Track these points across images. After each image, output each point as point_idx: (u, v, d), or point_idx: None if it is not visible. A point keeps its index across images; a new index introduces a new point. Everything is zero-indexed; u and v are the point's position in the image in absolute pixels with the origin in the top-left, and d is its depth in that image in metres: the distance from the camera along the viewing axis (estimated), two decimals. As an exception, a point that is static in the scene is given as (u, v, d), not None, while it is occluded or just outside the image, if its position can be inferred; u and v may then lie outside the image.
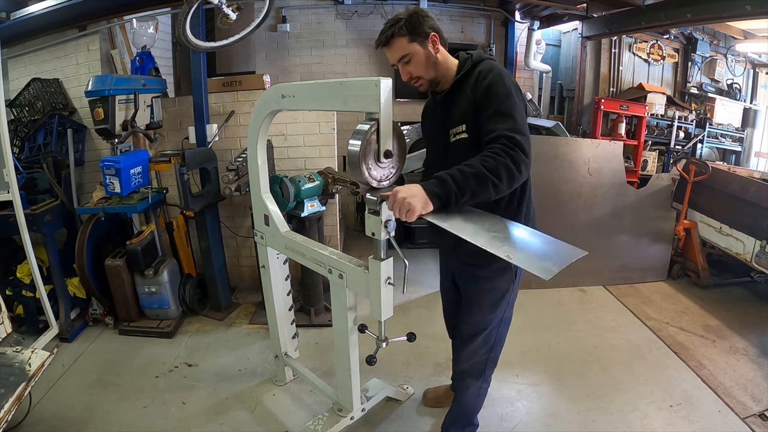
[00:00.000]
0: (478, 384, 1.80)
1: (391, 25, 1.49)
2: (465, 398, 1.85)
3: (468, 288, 1.69)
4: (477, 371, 1.77)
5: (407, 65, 1.52)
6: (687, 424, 2.12)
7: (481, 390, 1.83)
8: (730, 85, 5.27)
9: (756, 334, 2.86)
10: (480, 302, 1.65)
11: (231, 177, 2.75)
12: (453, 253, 1.65)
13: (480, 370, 1.76)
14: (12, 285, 2.80)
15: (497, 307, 1.64)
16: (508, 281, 1.61)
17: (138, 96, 2.76)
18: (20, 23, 3.15)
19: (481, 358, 1.73)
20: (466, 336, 1.71)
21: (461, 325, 1.73)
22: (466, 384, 1.81)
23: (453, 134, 1.51)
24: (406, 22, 1.47)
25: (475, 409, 1.91)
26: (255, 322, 3.02)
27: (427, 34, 1.49)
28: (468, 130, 1.46)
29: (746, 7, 2.89)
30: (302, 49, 4.53)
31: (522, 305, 2.36)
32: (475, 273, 1.62)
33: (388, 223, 1.46)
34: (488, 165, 1.25)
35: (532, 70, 4.89)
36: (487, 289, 1.62)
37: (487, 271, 1.59)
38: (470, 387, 1.80)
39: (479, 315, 1.66)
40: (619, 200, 3.53)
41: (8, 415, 1.55)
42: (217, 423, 2.15)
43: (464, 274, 1.70)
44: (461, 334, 1.74)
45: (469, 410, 1.90)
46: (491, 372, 1.82)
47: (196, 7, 2.31)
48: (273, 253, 2.11)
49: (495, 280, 1.60)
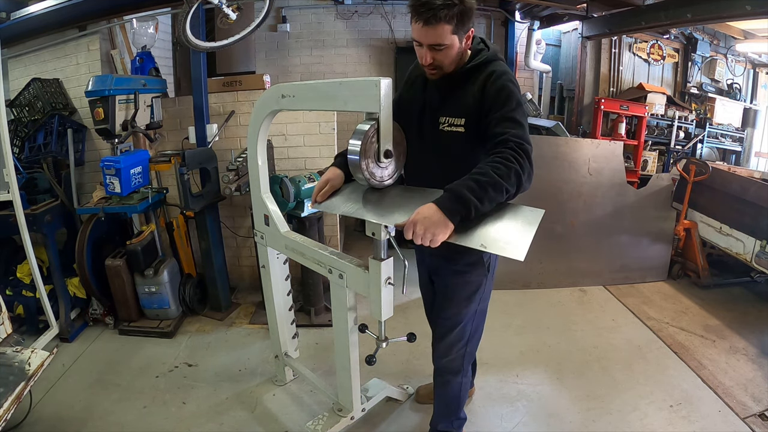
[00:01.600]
0: (458, 379, 1.79)
1: (443, 5, 1.28)
2: (448, 394, 1.83)
3: (443, 283, 1.68)
4: (455, 366, 1.76)
5: (437, 52, 1.37)
6: (687, 424, 2.12)
7: (462, 384, 1.81)
8: (730, 85, 5.27)
9: (756, 334, 2.86)
10: (454, 296, 1.64)
11: (231, 177, 2.75)
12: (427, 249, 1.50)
13: (458, 365, 1.75)
14: (12, 285, 2.81)
15: (471, 301, 1.64)
16: (480, 275, 1.61)
17: (138, 96, 2.76)
18: (20, 23, 3.15)
19: (458, 353, 1.73)
20: (443, 331, 1.71)
21: (437, 321, 1.74)
22: (447, 380, 1.79)
23: (445, 122, 1.46)
24: (458, 11, 1.30)
25: (460, 403, 1.88)
26: (255, 322, 3.02)
27: (468, 29, 1.38)
28: (466, 126, 1.42)
29: (746, 7, 2.89)
30: (302, 49, 4.53)
31: (522, 305, 2.37)
32: (450, 267, 1.62)
33: (388, 223, 1.45)
34: (501, 173, 1.22)
35: (532, 70, 4.89)
36: (460, 283, 1.62)
37: (460, 265, 1.59)
38: (451, 383, 1.79)
39: (454, 309, 1.66)
40: (619, 200, 3.54)
41: (7, 414, 1.55)
42: (217, 423, 2.15)
43: (439, 270, 1.69)
44: (438, 329, 1.74)
45: (454, 405, 1.88)
46: (469, 365, 1.82)
47: (196, 7, 2.31)
48: (273, 253, 2.11)
49: (468, 275, 1.60)
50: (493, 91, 1.37)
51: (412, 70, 1.65)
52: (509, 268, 3.31)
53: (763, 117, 5.24)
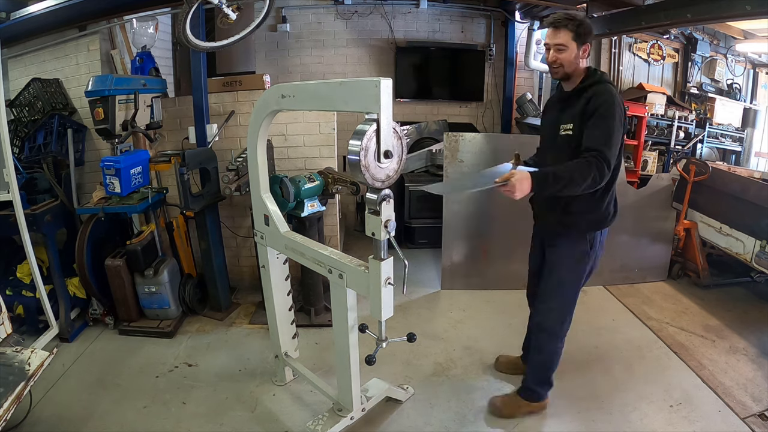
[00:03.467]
0: (555, 342, 2.02)
1: (567, 18, 1.78)
2: (543, 355, 2.05)
3: (552, 249, 1.98)
4: (550, 326, 2.00)
5: (559, 52, 1.80)
6: (687, 424, 2.12)
7: (558, 348, 2.04)
8: (730, 85, 5.27)
9: (756, 334, 2.86)
10: (561, 261, 1.94)
11: (231, 177, 2.75)
12: (544, 218, 2.02)
13: (552, 325, 1.99)
14: (12, 285, 2.81)
15: (573, 269, 1.93)
16: (582, 250, 1.90)
17: (138, 96, 2.76)
18: (20, 23, 3.15)
19: (554, 313, 1.98)
20: (545, 291, 1.99)
21: (543, 282, 2.00)
22: (544, 340, 2.03)
23: (563, 129, 1.85)
24: (577, 24, 1.77)
25: (553, 366, 2.08)
26: (255, 322, 3.02)
27: (584, 42, 1.80)
28: (574, 129, 1.80)
29: (746, 7, 2.89)
30: (302, 49, 4.53)
31: (522, 305, 2.37)
32: (560, 237, 1.94)
33: (388, 223, 1.46)
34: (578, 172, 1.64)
35: (532, 70, 4.89)
36: (566, 252, 1.92)
37: (569, 237, 1.91)
38: (548, 344, 2.02)
39: (557, 272, 1.95)
40: (619, 200, 3.52)
41: (7, 414, 1.55)
42: (217, 423, 2.15)
43: (551, 238, 1.99)
44: (541, 290, 2.01)
45: (548, 367, 2.08)
46: (563, 333, 2.03)
47: (196, 7, 2.30)
48: (273, 253, 2.11)
49: (573, 246, 1.91)
50: (594, 105, 1.74)
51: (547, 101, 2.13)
52: (510, 268, 3.32)
53: (763, 117, 5.23)
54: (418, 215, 4.15)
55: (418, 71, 4.72)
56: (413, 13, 4.57)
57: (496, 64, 4.77)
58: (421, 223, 4.15)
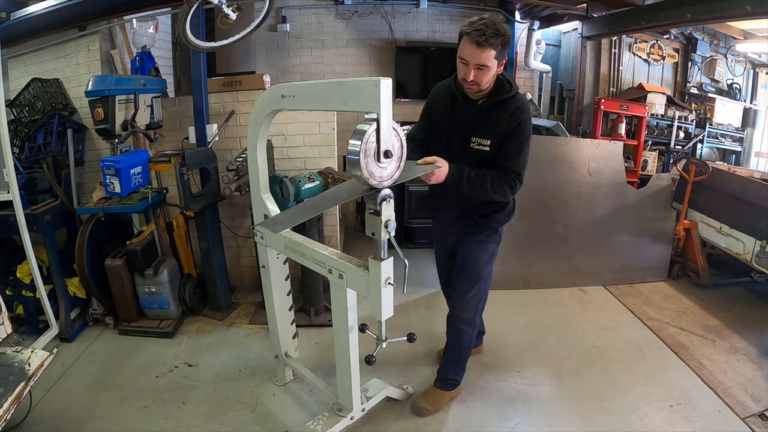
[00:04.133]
0: (470, 330, 2.13)
1: (494, 35, 1.64)
2: (461, 344, 2.16)
3: (467, 251, 2.05)
4: (470, 318, 2.10)
5: (479, 72, 1.70)
6: (687, 424, 2.12)
7: (472, 336, 2.17)
8: (730, 85, 5.27)
9: (756, 334, 2.86)
10: (477, 260, 2.03)
11: (231, 177, 2.75)
12: (455, 225, 2.05)
13: (472, 317, 2.11)
14: (12, 285, 2.80)
15: (488, 264, 2.07)
16: (496, 243, 2.06)
17: (138, 96, 2.76)
18: (20, 23, 3.15)
19: (473, 307, 2.10)
20: (464, 289, 2.06)
21: (459, 282, 2.08)
22: (462, 331, 2.12)
23: (475, 141, 1.83)
24: (502, 41, 1.66)
25: (466, 354, 2.22)
26: (255, 322, 3.02)
27: (504, 57, 1.73)
28: (491, 146, 1.81)
29: (746, 7, 2.89)
30: (302, 49, 4.53)
31: (522, 305, 2.37)
32: (474, 238, 2.03)
33: (388, 223, 1.46)
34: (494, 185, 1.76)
35: (532, 70, 4.89)
36: (481, 249, 2.03)
37: (482, 236, 2.02)
38: (465, 333, 2.12)
39: (474, 270, 2.04)
40: (619, 200, 3.53)
41: (7, 414, 1.55)
42: (217, 423, 2.15)
43: (465, 241, 2.05)
44: (458, 289, 2.09)
45: (465, 355, 2.22)
46: (478, 320, 2.22)
47: (196, 7, 2.30)
48: (273, 253, 2.11)
49: (487, 243, 2.03)
50: (514, 126, 1.77)
51: (435, 94, 2.01)
52: (510, 268, 3.32)
53: (763, 117, 5.24)
54: (418, 215, 4.15)
55: (418, 71, 4.72)
56: (413, 13, 4.57)
57: (496, 64, 4.76)
58: (421, 223, 4.15)
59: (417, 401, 2.21)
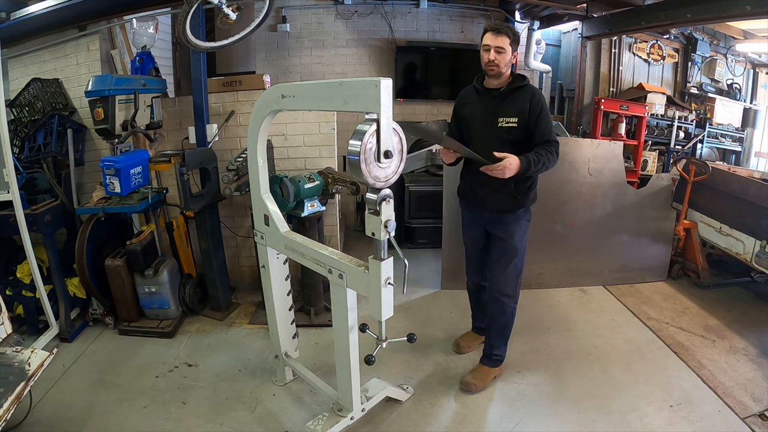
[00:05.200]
0: (512, 303, 2.30)
1: (507, 27, 2.11)
2: (504, 315, 2.31)
3: (504, 228, 2.24)
4: (510, 290, 2.28)
5: (498, 54, 2.07)
6: (687, 424, 2.12)
7: (515, 309, 2.33)
8: (730, 85, 5.27)
9: (756, 334, 2.86)
10: (514, 235, 2.23)
11: (231, 177, 2.75)
12: (487, 207, 2.26)
13: (513, 290, 2.29)
14: (12, 285, 2.80)
15: (523, 239, 2.27)
16: (527, 220, 2.28)
17: (138, 96, 2.76)
18: (20, 23, 3.15)
19: (514, 279, 2.29)
20: (503, 263, 2.25)
21: (499, 258, 2.26)
22: (505, 303, 2.28)
23: (504, 121, 2.12)
24: (514, 32, 2.11)
25: (509, 328, 2.36)
26: (255, 322, 3.02)
27: (516, 48, 2.13)
28: (518, 123, 2.11)
29: (746, 7, 2.89)
30: (302, 49, 4.53)
31: (522, 305, 2.38)
32: (510, 216, 2.23)
33: (388, 223, 1.46)
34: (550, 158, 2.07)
35: (532, 70, 4.89)
36: (519, 226, 2.24)
37: (519, 213, 2.22)
38: (507, 306, 2.29)
39: (513, 245, 2.24)
40: (619, 200, 3.53)
41: (7, 414, 1.55)
42: (217, 423, 2.15)
43: (501, 219, 2.25)
44: (499, 264, 2.27)
45: (509, 329, 2.36)
46: (518, 294, 2.34)
47: (196, 7, 2.30)
48: (273, 253, 2.11)
49: (521, 220, 2.24)
50: (538, 107, 2.10)
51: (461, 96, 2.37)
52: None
53: (763, 117, 5.24)
54: (418, 215, 4.15)
55: (418, 71, 4.73)
56: (413, 13, 4.57)
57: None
58: (421, 223, 4.16)
59: (465, 377, 2.37)
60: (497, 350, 2.37)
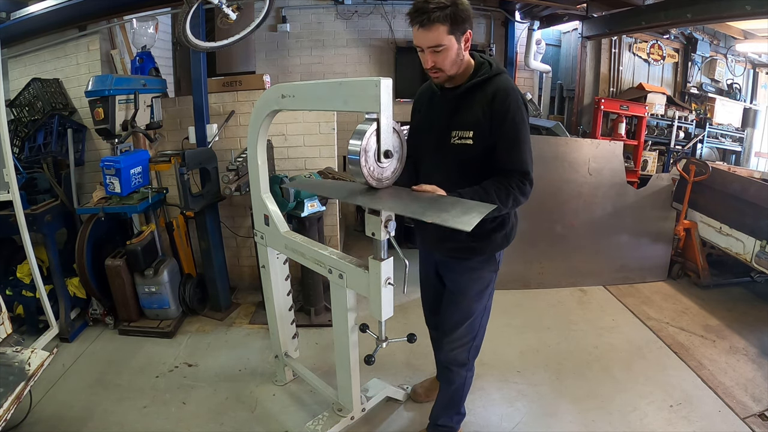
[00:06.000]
0: (464, 372, 1.83)
1: (435, 7, 1.37)
2: (452, 387, 1.87)
3: (455, 279, 1.74)
4: (462, 359, 1.79)
5: (436, 55, 1.44)
6: (687, 424, 2.12)
7: (467, 379, 1.86)
8: (730, 85, 5.27)
9: (756, 334, 2.86)
10: (467, 292, 1.70)
11: (231, 177, 2.75)
12: (438, 247, 1.72)
13: (464, 358, 1.80)
14: (12, 285, 2.80)
15: (482, 297, 1.72)
16: (491, 272, 1.70)
17: (138, 96, 2.76)
18: (20, 23, 3.15)
19: (465, 346, 1.77)
20: (451, 324, 1.76)
21: (447, 315, 1.78)
22: (453, 372, 1.82)
23: (456, 135, 1.54)
24: (452, 11, 1.38)
25: (462, 397, 1.92)
26: (255, 322, 3.02)
27: (464, 30, 1.44)
28: (474, 138, 1.51)
29: (746, 7, 2.89)
30: (302, 49, 4.53)
31: (522, 305, 2.37)
32: (463, 264, 1.68)
33: (388, 223, 1.46)
34: (500, 196, 1.43)
35: (532, 70, 4.89)
36: (474, 278, 1.69)
37: (474, 262, 1.66)
38: (456, 376, 1.83)
39: (465, 304, 1.71)
40: (619, 200, 3.53)
41: (7, 414, 1.55)
42: (217, 423, 2.15)
43: (451, 266, 1.73)
44: (446, 323, 1.78)
45: (457, 399, 1.92)
46: (474, 360, 1.86)
47: (196, 7, 2.30)
48: (273, 253, 2.11)
49: (480, 271, 1.68)
50: (502, 112, 1.45)
51: (417, 96, 1.76)
52: (509, 268, 3.31)
53: (763, 117, 5.24)
54: (418, 215, 4.14)
55: (418, 71, 4.71)
56: (413, 13, 4.56)
57: (496, 64, 4.77)
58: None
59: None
60: (442, 420, 1.93)
